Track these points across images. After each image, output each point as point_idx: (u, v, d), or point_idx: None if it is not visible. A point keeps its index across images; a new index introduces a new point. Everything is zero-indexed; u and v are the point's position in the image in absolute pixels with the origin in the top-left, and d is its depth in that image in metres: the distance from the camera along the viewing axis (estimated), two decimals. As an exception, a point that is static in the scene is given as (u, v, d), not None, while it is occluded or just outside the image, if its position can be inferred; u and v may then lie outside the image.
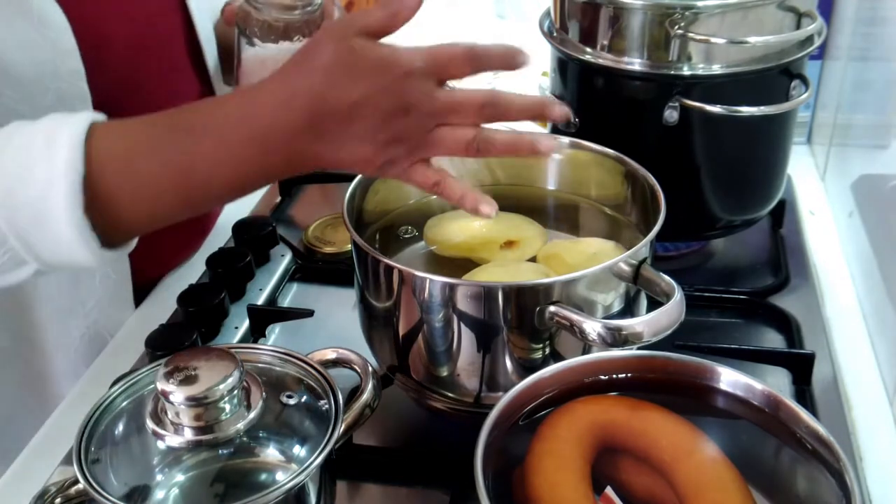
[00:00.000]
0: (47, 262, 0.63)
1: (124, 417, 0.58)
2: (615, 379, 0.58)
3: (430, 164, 0.65)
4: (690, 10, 0.76)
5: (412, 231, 0.78)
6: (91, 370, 0.85)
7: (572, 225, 0.81)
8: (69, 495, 0.55)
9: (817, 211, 1.04)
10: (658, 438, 0.53)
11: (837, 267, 0.95)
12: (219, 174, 0.62)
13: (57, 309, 0.84)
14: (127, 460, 0.56)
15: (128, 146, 0.62)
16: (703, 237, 0.93)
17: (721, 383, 0.57)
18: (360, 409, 0.62)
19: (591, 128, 0.85)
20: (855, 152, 1.02)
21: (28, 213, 0.60)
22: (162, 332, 0.81)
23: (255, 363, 0.61)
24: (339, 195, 0.73)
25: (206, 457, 0.55)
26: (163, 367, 0.55)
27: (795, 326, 0.82)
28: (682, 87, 0.79)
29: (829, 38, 1.09)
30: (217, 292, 0.85)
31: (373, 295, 0.69)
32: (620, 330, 0.59)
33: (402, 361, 0.69)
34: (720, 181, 0.85)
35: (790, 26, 0.79)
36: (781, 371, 0.77)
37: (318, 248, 0.97)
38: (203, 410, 0.54)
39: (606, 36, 0.80)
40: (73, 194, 0.59)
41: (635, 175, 0.75)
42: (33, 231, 0.60)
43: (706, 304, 0.86)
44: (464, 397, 0.68)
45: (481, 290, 0.63)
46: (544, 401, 0.56)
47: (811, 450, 0.52)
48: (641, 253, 0.65)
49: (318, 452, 0.54)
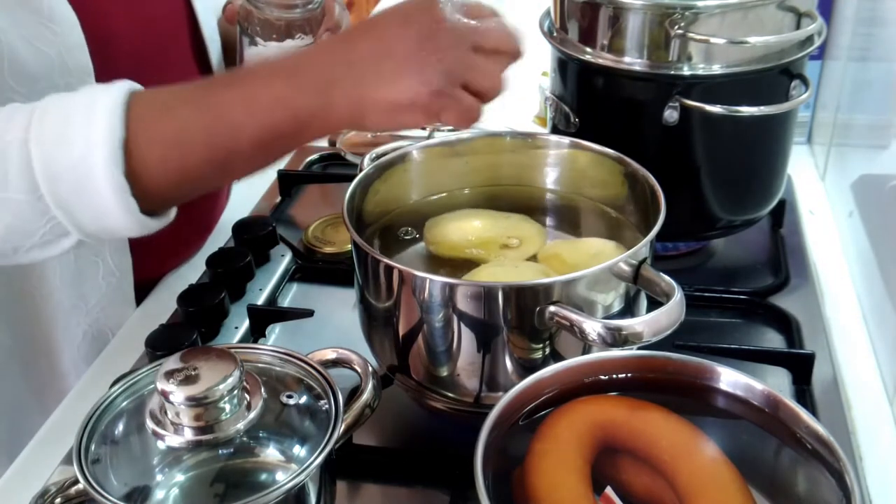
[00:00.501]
0: (89, 231, 0.63)
1: (124, 417, 0.58)
2: (615, 379, 0.58)
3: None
4: (690, 10, 0.75)
5: (412, 232, 0.78)
6: (91, 370, 0.85)
7: (572, 225, 0.81)
8: (69, 495, 0.55)
9: (817, 211, 1.04)
10: (658, 438, 0.53)
11: (837, 267, 0.95)
12: (249, 119, 0.61)
13: (60, 306, 0.84)
14: (127, 460, 0.56)
15: (164, 100, 0.63)
16: (703, 237, 0.93)
17: (721, 383, 0.57)
18: (360, 409, 0.62)
19: (591, 128, 0.85)
20: (855, 152, 1.02)
21: (69, 181, 0.60)
22: (162, 332, 0.81)
23: (255, 363, 0.61)
24: (339, 195, 0.73)
25: (206, 457, 0.55)
26: (163, 367, 0.55)
27: (795, 326, 0.82)
28: (682, 87, 0.79)
29: (829, 38, 1.09)
30: (217, 292, 0.85)
31: (373, 295, 0.69)
32: (620, 330, 0.59)
33: (402, 361, 0.69)
34: (720, 181, 0.85)
35: (790, 26, 0.79)
36: (781, 371, 0.77)
37: (318, 248, 0.97)
38: (203, 410, 0.54)
39: (606, 36, 0.80)
40: (114, 159, 0.59)
41: (635, 175, 0.74)
42: (74, 199, 0.60)
43: (706, 304, 0.86)
44: (464, 397, 0.68)
45: (481, 290, 0.63)
46: (544, 401, 0.56)
47: (811, 450, 0.52)
48: (641, 253, 0.65)
49: (318, 452, 0.54)
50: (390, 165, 0.78)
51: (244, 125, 0.62)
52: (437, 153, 0.81)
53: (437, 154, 0.81)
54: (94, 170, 0.59)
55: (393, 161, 0.78)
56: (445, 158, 0.81)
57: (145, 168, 0.61)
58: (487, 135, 0.83)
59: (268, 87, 0.62)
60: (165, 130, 0.62)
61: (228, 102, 0.62)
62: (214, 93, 0.63)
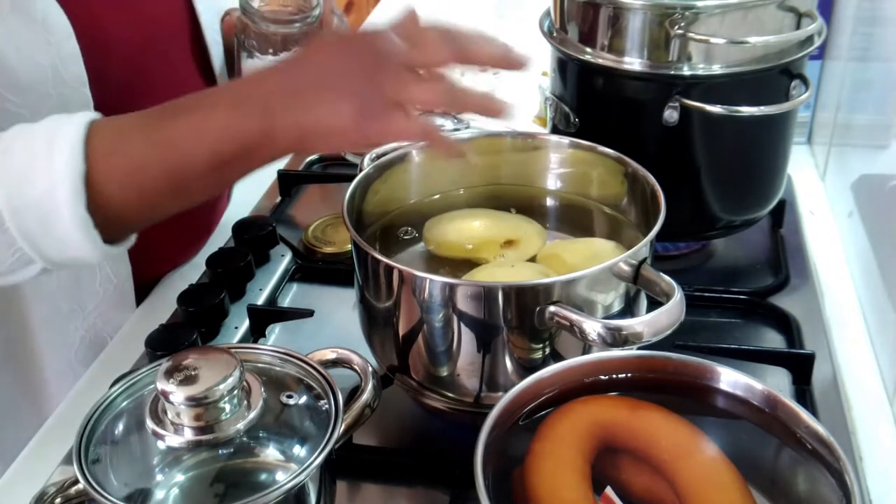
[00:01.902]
0: (53, 261, 0.65)
1: (124, 417, 0.58)
2: (615, 379, 0.58)
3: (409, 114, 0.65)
4: (690, 10, 0.75)
5: (412, 232, 0.78)
6: (91, 370, 0.85)
7: (572, 225, 0.81)
8: (69, 495, 0.55)
9: (817, 211, 1.04)
10: (658, 438, 0.53)
11: (837, 267, 0.95)
12: (199, 148, 0.63)
13: (55, 311, 0.84)
14: (127, 460, 0.56)
15: (122, 132, 0.64)
16: (703, 237, 0.93)
17: (721, 383, 0.57)
18: (360, 409, 0.62)
19: (591, 128, 0.85)
20: (855, 152, 1.02)
21: (34, 216, 0.62)
22: (162, 332, 0.81)
23: (255, 363, 0.61)
24: (339, 195, 0.73)
25: (206, 457, 0.55)
26: (163, 367, 0.55)
27: (795, 326, 0.82)
28: (682, 87, 0.79)
29: (829, 38, 1.09)
30: (217, 292, 0.85)
31: (373, 295, 0.69)
32: (620, 330, 0.59)
33: (402, 361, 0.69)
34: (720, 181, 0.85)
35: (790, 26, 0.79)
36: (781, 371, 0.77)
37: (318, 248, 0.97)
38: (203, 410, 0.54)
39: (606, 36, 0.80)
40: (76, 194, 0.61)
41: (635, 175, 0.74)
42: (39, 231, 0.62)
43: (706, 304, 0.86)
44: (464, 397, 0.68)
45: (481, 290, 0.63)
46: (544, 401, 0.56)
47: (811, 450, 0.52)
48: (641, 253, 0.65)
49: (318, 452, 0.54)
50: (390, 165, 0.78)
51: (195, 153, 0.63)
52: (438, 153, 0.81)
53: (438, 154, 0.81)
54: (58, 206, 0.61)
55: (393, 161, 0.78)
56: (445, 158, 0.81)
57: (107, 200, 0.63)
58: (487, 135, 0.83)
59: (215, 117, 0.64)
60: (123, 162, 0.64)
61: (179, 131, 0.64)
62: (166, 124, 0.64)
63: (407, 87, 0.63)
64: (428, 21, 0.65)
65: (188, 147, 0.63)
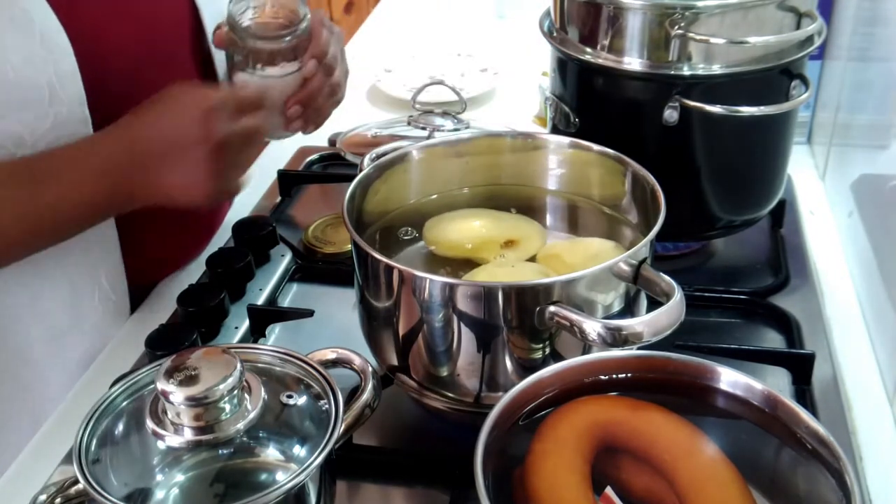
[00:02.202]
0: None
1: (124, 417, 0.58)
2: (615, 379, 0.58)
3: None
4: (690, 10, 0.75)
5: (412, 232, 0.78)
6: (91, 370, 0.85)
7: (572, 225, 0.81)
8: (69, 495, 0.55)
9: (817, 211, 1.04)
10: (658, 438, 0.53)
11: (837, 267, 0.95)
12: (64, 217, 0.74)
13: (51, 329, 0.83)
14: (127, 460, 0.56)
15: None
16: (703, 237, 0.93)
17: (721, 383, 0.57)
18: (360, 409, 0.62)
19: (591, 128, 0.85)
20: (855, 152, 1.02)
21: None
22: (162, 332, 0.81)
23: (255, 363, 0.61)
24: (339, 195, 0.73)
25: (206, 457, 0.55)
26: (163, 367, 0.55)
27: (795, 326, 0.82)
28: (681, 87, 0.79)
29: (829, 38, 1.09)
30: (217, 292, 0.85)
31: (373, 295, 0.69)
32: (620, 330, 0.59)
33: (402, 361, 0.69)
34: (720, 181, 0.85)
35: (790, 26, 0.79)
36: (781, 371, 0.77)
37: (318, 248, 0.97)
38: (203, 410, 0.54)
39: (606, 36, 0.80)
40: None
41: (635, 175, 0.75)
42: None
43: (706, 304, 0.86)
44: (464, 397, 0.68)
45: (481, 290, 0.63)
46: (544, 401, 0.56)
47: (811, 450, 0.52)
48: (641, 253, 0.65)
49: (318, 452, 0.54)
50: (390, 165, 0.78)
51: (60, 221, 0.75)
52: (437, 153, 0.81)
53: (437, 154, 0.81)
54: None
55: (393, 161, 0.78)
56: (445, 158, 0.81)
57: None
58: (487, 135, 0.83)
59: (80, 189, 0.73)
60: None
61: (44, 203, 0.73)
62: (30, 193, 0.72)
63: (240, 136, 0.74)
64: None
65: (53, 219, 0.74)
